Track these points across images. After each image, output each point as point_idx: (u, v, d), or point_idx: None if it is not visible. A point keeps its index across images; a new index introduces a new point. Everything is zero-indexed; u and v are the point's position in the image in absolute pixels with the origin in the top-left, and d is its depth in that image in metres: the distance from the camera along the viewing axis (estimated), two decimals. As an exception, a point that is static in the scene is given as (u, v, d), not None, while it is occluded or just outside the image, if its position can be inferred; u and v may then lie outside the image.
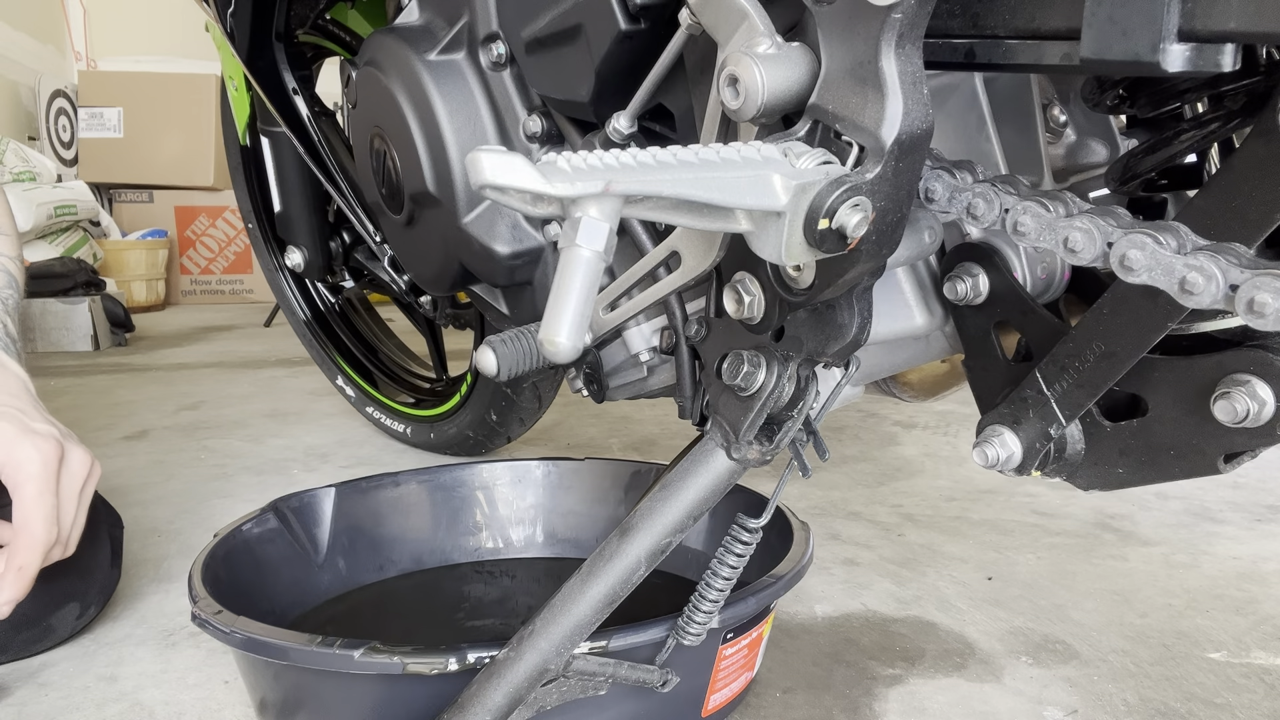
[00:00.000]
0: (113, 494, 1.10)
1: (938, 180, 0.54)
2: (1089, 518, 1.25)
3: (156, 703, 0.82)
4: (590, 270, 0.41)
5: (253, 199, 1.66)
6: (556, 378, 1.34)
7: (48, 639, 0.90)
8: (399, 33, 0.87)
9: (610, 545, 0.64)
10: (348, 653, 0.63)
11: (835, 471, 1.47)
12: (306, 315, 1.69)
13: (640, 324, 0.77)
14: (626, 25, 0.65)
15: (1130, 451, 0.56)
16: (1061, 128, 0.76)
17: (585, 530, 1.05)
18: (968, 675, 0.86)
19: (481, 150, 0.38)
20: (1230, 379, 0.50)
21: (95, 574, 0.92)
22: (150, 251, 3.83)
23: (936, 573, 1.08)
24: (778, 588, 0.74)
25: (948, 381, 1.15)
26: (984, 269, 0.61)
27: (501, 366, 0.73)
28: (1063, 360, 0.55)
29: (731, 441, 0.61)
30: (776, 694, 0.82)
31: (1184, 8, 0.42)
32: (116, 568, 0.98)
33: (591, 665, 0.65)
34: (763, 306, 0.58)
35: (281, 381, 2.22)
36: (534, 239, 0.86)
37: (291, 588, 0.91)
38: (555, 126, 0.81)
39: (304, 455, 1.58)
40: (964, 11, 0.51)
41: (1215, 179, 0.51)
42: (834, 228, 0.47)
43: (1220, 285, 0.44)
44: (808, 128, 0.50)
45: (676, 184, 0.42)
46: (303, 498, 0.95)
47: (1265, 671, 0.86)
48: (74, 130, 4.15)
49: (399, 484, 1.02)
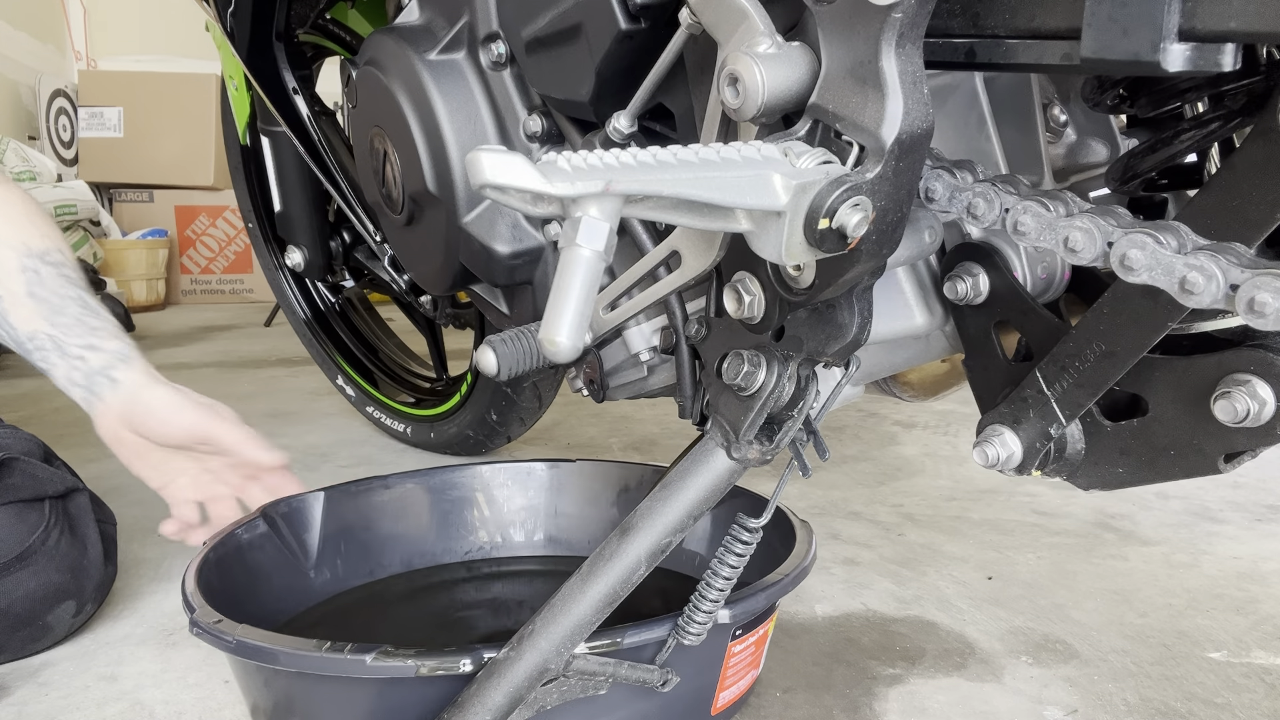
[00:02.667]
0: (113, 493, 1.10)
1: (938, 180, 0.54)
2: (1089, 517, 1.25)
3: (157, 702, 0.82)
4: (590, 270, 0.41)
5: (253, 198, 1.66)
6: (556, 377, 1.34)
7: (45, 638, 0.90)
8: (399, 32, 0.87)
9: (610, 545, 0.64)
10: (359, 657, 0.63)
11: (835, 471, 1.47)
12: (306, 315, 1.69)
13: (640, 323, 0.77)
14: (627, 25, 0.65)
15: (1130, 451, 0.56)
16: (1062, 127, 0.76)
17: (578, 532, 1.05)
18: (968, 675, 0.86)
19: (481, 150, 0.38)
20: (1230, 379, 0.50)
21: (89, 571, 0.92)
22: (150, 251, 3.83)
23: (937, 572, 1.08)
24: (785, 583, 0.74)
25: (948, 381, 1.15)
26: (984, 268, 0.61)
27: (502, 366, 0.73)
28: (1063, 360, 0.55)
29: (732, 441, 0.61)
30: (777, 694, 0.82)
31: (1184, 7, 0.42)
32: (111, 564, 0.98)
33: (592, 665, 0.65)
34: (763, 306, 0.58)
35: (282, 381, 2.22)
36: (534, 239, 0.86)
37: (283, 593, 0.91)
38: (555, 126, 0.81)
39: (304, 455, 1.57)
40: (964, 11, 0.51)
41: (1215, 179, 0.51)
42: (834, 227, 0.47)
43: (1220, 285, 0.44)
44: (808, 127, 0.50)
45: (677, 183, 0.42)
46: (292, 503, 0.95)
47: (1265, 671, 0.86)
48: (74, 130, 4.15)
49: (389, 487, 1.02)
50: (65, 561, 0.89)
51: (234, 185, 1.67)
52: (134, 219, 4.09)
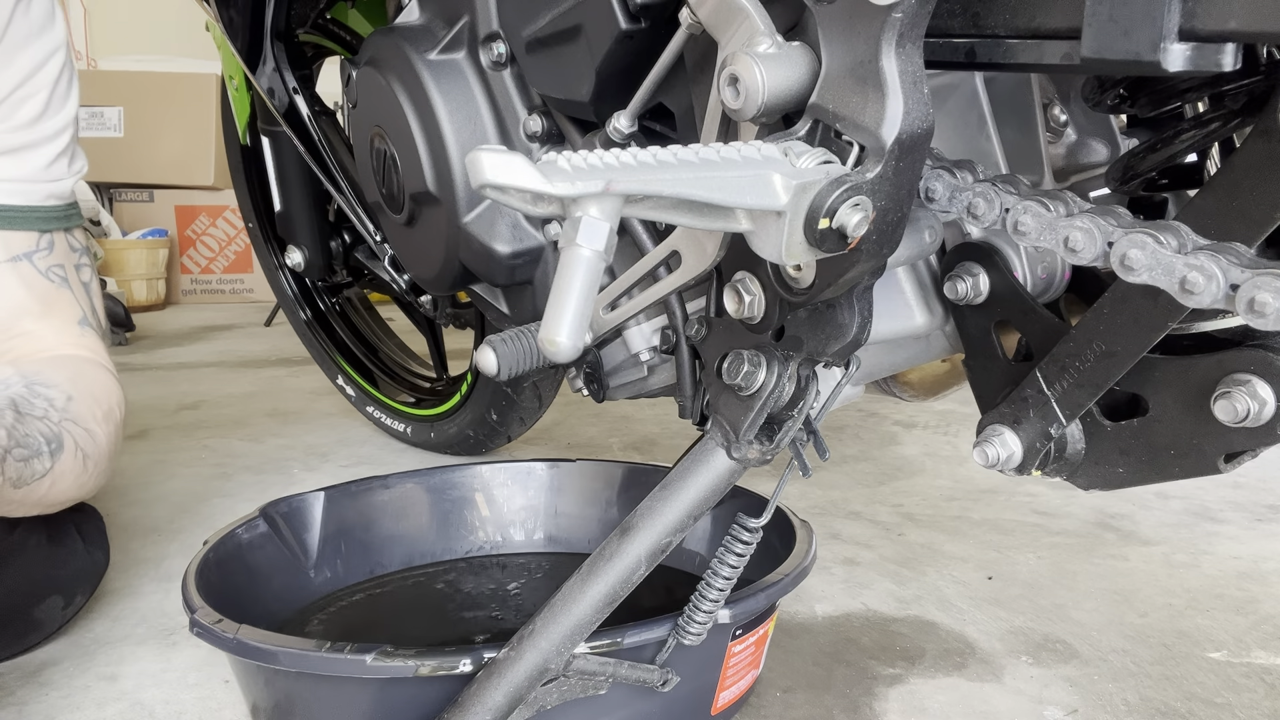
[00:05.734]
0: (113, 493, 1.10)
1: (938, 179, 0.54)
2: (1089, 517, 1.25)
3: (157, 702, 0.82)
4: (590, 270, 0.41)
5: (253, 198, 1.66)
6: (557, 377, 1.34)
7: (36, 632, 0.89)
8: (399, 32, 0.87)
9: (610, 544, 0.64)
10: (359, 657, 0.63)
11: (835, 471, 1.47)
12: (307, 315, 1.69)
13: (640, 323, 0.77)
14: (627, 24, 0.65)
15: (1131, 451, 0.56)
16: (1062, 127, 0.76)
17: (578, 532, 1.05)
18: (968, 675, 0.86)
19: (482, 149, 0.38)
20: (1231, 378, 0.50)
21: (68, 561, 0.92)
22: (150, 251, 3.83)
23: (937, 572, 1.08)
24: (785, 583, 0.74)
25: (948, 381, 1.15)
26: (984, 268, 0.61)
27: (502, 366, 0.73)
28: (1063, 360, 0.55)
29: (732, 441, 0.61)
30: (777, 693, 0.82)
31: (1184, 7, 0.42)
32: (98, 554, 0.97)
33: (592, 665, 0.65)
34: (763, 306, 0.58)
35: (282, 381, 2.22)
36: (534, 238, 0.86)
37: (283, 593, 0.91)
38: (555, 126, 0.81)
39: (304, 454, 1.57)
40: (964, 11, 0.51)
41: (1216, 178, 0.51)
42: (834, 227, 0.47)
43: (1221, 285, 0.44)
44: (808, 127, 0.50)
45: (677, 183, 0.42)
46: (292, 502, 0.95)
47: (1265, 671, 0.86)
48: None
49: (389, 487, 1.02)
50: (45, 556, 0.89)
51: (234, 185, 1.67)
52: (134, 219, 4.08)
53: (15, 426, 0.77)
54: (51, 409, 0.82)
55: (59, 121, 0.94)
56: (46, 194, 0.93)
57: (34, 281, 0.92)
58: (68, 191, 0.96)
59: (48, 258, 0.93)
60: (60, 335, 0.93)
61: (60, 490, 0.83)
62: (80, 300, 0.97)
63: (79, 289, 0.97)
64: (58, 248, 0.94)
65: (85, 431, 0.85)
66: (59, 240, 0.95)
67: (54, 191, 0.93)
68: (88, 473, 0.86)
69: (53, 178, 0.93)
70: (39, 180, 0.92)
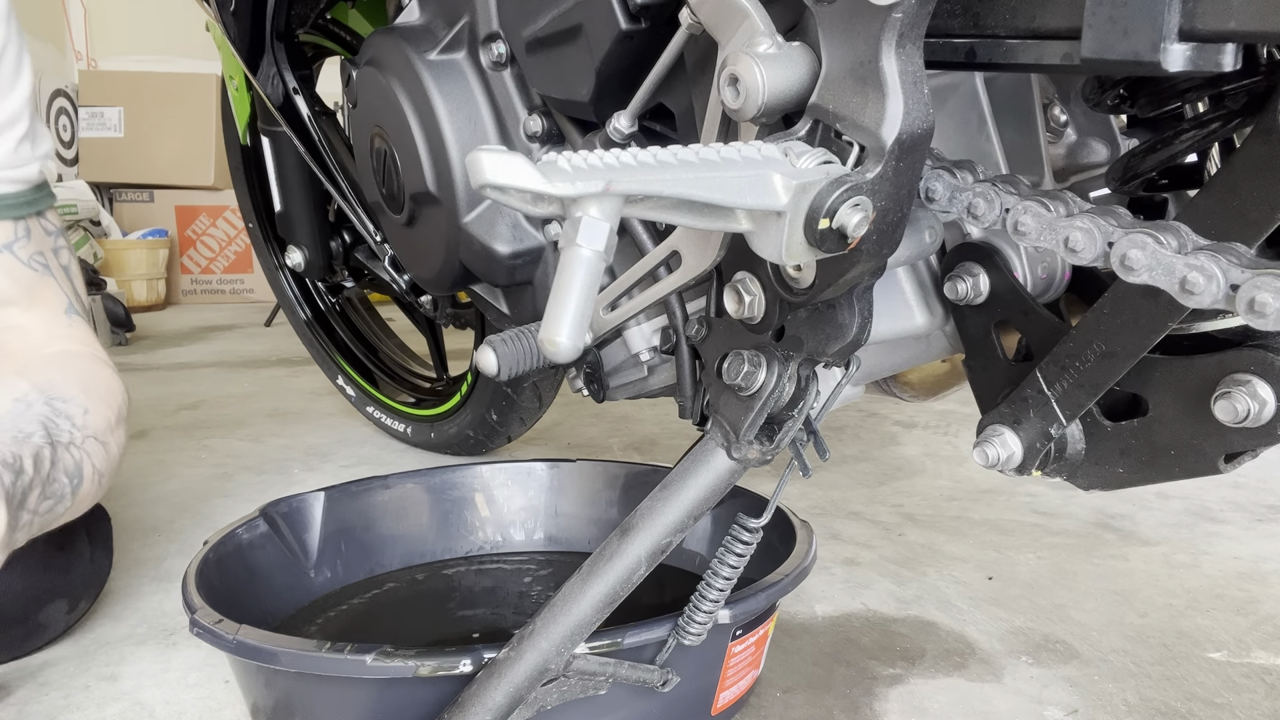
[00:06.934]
0: (113, 493, 1.10)
1: (938, 180, 0.54)
2: (1089, 518, 1.25)
3: (157, 702, 0.82)
4: (591, 270, 0.41)
5: (253, 198, 1.66)
6: (557, 377, 1.34)
7: (40, 636, 0.89)
8: (399, 32, 0.87)
9: (611, 545, 0.64)
10: (359, 658, 0.63)
11: (835, 471, 1.47)
12: (307, 315, 1.69)
13: (640, 324, 0.77)
14: (627, 25, 0.65)
15: (1131, 451, 0.56)
16: (1062, 127, 0.76)
17: (578, 532, 1.05)
18: (968, 675, 0.86)
19: (482, 150, 0.38)
20: (1231, 379, 0.50)
21: (76, 567, 0.92)
22: (151, 251, 3.83)
23: (937, 572, 1.08)
24: (785, 583, 0.74)
25: (948, 381, 1.15)
26: (984, 269, 0.61)
27: (502, 366, 0.73)
28: (1063, 360, 0.55)
29: (732, 441, 0.61)
30: (777, 693, 0.82)
31: (1185, 7, 0.42)
32: (102, 559, 0.97)
33: (592, 665, 0.65)
34: (763, 306, 0.58)
35: (282, 381, 2.22)
36: (534, 239, 0.86)
37: (283, 593, 0.91)
38: (556, 126, 0.81)
39: (304, 455, 1.57)
40: (965, 11, 0.51)
41: (1216, 179, 0.51)
42: (834, 227, 0.47)
43: (1221, 285, 0.44)
44: (808, 127, 0.50)
45: (677, 184, 0.42)
46: (292, 502, 0.95)
47: (1266, 671, 0.86)
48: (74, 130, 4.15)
49: (389, 487, 1.02)
50: (52, 560, 0.89)
51: (234, 185, 1.67)
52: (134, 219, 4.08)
53: (50, 474, 0.75)
54: (75, 429, 0.81)
55: (11, 105, 0.90)
56: (13, 179, 0.90)
57: (18, 273, 0.90)
58: (36, 175, 0.93)
59: (27, 246, 0.91)
60: (50, 327, 0.92)
61: (74, 514, 0.83)
62: (64, 287, 0.95)
63: (60, 275, 0.95)
64: (34, 234, 0.92)
65: (100, 446, 0.84)
66: (34, 226, 0.92)
67: (20, 176, 0.90)
68: (100, 488, 0.85)
69: (17, 163, 0.90)
70: (3, 167, 0.89)
